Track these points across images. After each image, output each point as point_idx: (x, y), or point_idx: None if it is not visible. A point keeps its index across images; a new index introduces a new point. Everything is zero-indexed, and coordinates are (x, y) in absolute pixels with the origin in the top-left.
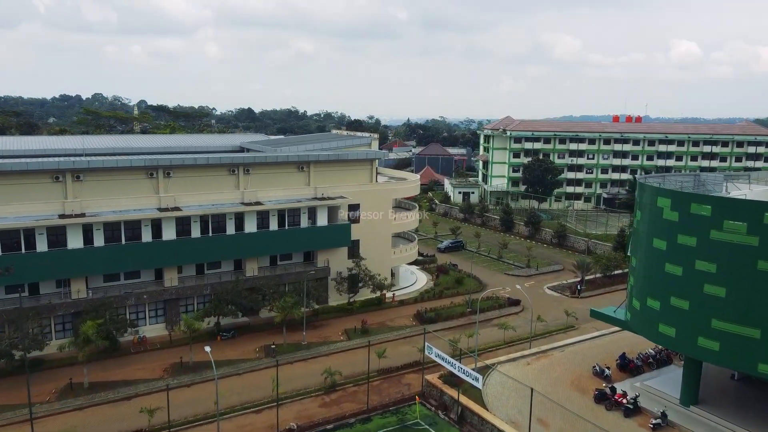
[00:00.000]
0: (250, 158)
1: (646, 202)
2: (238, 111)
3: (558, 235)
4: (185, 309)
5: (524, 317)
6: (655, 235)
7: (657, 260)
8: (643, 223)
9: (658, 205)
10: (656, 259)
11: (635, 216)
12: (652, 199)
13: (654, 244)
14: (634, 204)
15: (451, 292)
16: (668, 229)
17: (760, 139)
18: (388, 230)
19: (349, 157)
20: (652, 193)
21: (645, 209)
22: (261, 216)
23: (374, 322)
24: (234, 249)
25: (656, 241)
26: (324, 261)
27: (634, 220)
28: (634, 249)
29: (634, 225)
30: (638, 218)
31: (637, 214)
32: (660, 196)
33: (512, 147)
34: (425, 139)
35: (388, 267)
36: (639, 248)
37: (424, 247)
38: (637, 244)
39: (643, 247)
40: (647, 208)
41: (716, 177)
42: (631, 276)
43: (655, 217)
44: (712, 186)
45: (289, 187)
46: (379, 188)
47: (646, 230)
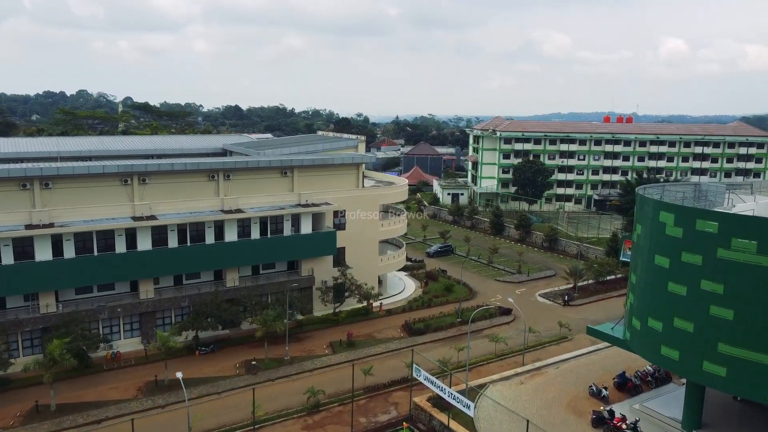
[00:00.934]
0: (230, 163)
1: (647, 216)
2: (225, 108)
3: (549, 238)
4: (162, 322)
5: (516, 327)
6: (657, 252)
7: (659, 278)
8: (644, 238)
9: (660, 220)
10: (658, 278)
11: (635, 229)
12: (653, 214)
13: (656, 261)
14: (634, 217)
15: (441, 300)
16: (671, 245)
17: (752, 140)
18: (375, 237)
19: (335, 162)
20: (654, 207)
21: (646, 223)
22: (242, 224)
23: (360, 333)
24: (213, 259)
25: (658, 258)
26: (308, 270)
27: (634, 234)
28: (633, 265)
29: (634, 239)
30: (638, 232)
31: (637, 227)
32: (663, 210)
33: (502, 148)
34: (414, 138)
35: (376, 275)
36: (639, 264)
37: (412, 252)
38: (637, 260)
39: (643, 263)
40: (648, 223)
41: (718, 187)
42: (630, 293)
43: (657, 233)
44: (714, 197)
45: (272, 193)
46: (365, 193)
47: (647, 246)
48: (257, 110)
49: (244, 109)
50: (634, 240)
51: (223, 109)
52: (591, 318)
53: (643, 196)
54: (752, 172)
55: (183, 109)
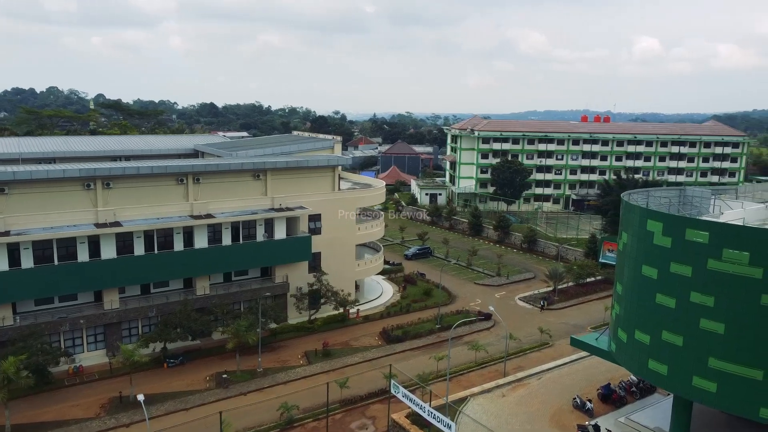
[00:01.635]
0: (200, 166)
1: (634, 224)
2: (200, 106)
3: (528, 239)
4: (128, 333)
5: (496, 333)
6: (644, 262)
7: (647, 289)
8: (631, 248)
9: (648, 228)
10: (646, 289)
11: (620, 237)
12: (640, 222)
13: (643, 272)
14: (619, 224)
15: (419, 305)
16: (660, 256)
17: (728, 139)
18: (352, 241)
19: (310, 164)
20: (641, 215)
21: (632, 232)
22: (213, 230)
23: (337, 342)
24: (182, 267)
25: (646, 269)
26: (283, 276)
27: (619, 241)
28: (619, 274)
29: (619, 247)
30: (624, 241)
31: (623, 235)
32: (650, 218)
33: (480, 147)
34: (391, 137)
35: (352, 280)
36: (626, 274)
37: (390, 254)
38: (623, 269)
39: (630, 273)
40: (635, 231)
41: (703, 192)
42: (615, 303)
43: (645, 242)
44: (700, 203)
45: (244, 197)
46: (342, 197)
47: (634, 255)
48: (233, 108)
49: (220, 107)
50: (619, 248)
51: (198, 107)
52: (572, 322)
53: (629, 203)
54: (728, 171)
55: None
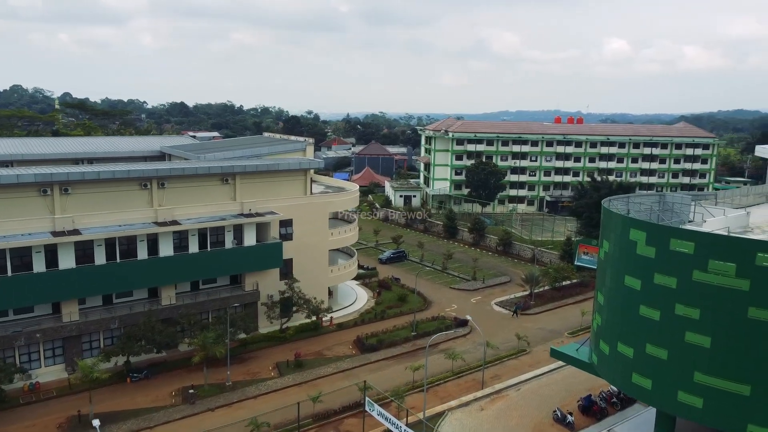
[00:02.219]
0: (164, 170)
1: (616, 232)
2: (170, 105)
3: (503, 242)
4: (89, 347)
5: (473, 340)
6: (627, 272)
7: (630, 301)
8: (613, 257)
9: (630, 238)
10: (629, 300)
11: (601, 245)
12: (623, 230)
13: (626, 282)
14: (600, 232)
15: (394, 312)
16: (643, 266)
17: (698, 141)
18: (324, 247)
19: (280, 168)
20: (624, 224)
21: (614, 240)
22: (179, 237)
23: (309, 352)
24: (147, 276)
25: (629, 279)
26: (253, 284)
27: (600, 250)
28: (600, 283)
29: (600, 255)
30: (606, 249)
31: (604, 244)
32: (633, 227)
33: (454, 149)
34: (365, 137)
35: (326, 287)
36: (607, 284)
37: (364, 258)
38: (604, 279)
39: (612, 284)
40: (617, 240)
41: (683, 198)
42: (597, 314)
43: (627, 252)
44: (680, 208)
45: (212, 202)
46: (314, 201)
47: (616, 265)
48: (204, 107)
49: (191, 106)
50: (600, 256)
51: (168, 106)
52: (549, 328)
53: (610, 210)
54: (698, 172)
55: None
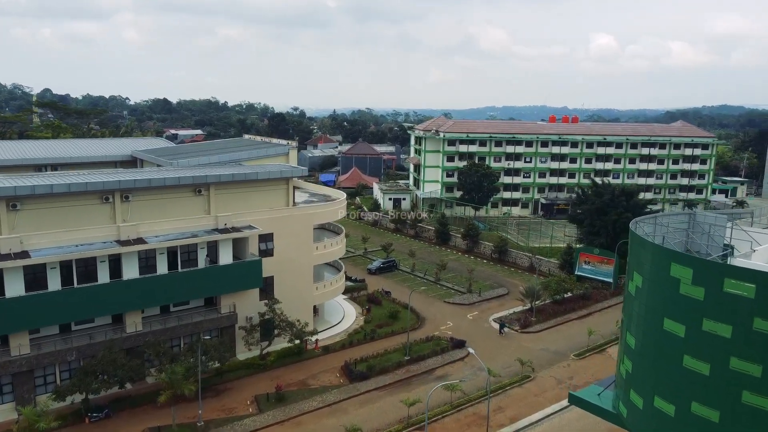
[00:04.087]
0: (128, 182)
1: (652, 265)
2: (153, 101)
3: (499, 249)
4: (43, 381)
5: (471, 364)
6: (667, 315)
7: (671, 349)
8: (647, 295)
9: (671, 274)
10: (670, 348)
11: (630, 278)
12: (661, 264)
13: (666, 326)
14: (628, 261)
15: (385, 331)
16: (688, 309)
17: (697, 140)
18: (309, 262)
19: (260, 176)
20: (662, 257)
21: (649, 274)
22: (145, 256)
23: (293, 381)
24: (108, 303)
25: (669, 323)
26: (229, 306)
27: (629, 283)
28: (628, 322)
29: (630, 290)
30: (637, 284)
31: (635, 276)
32: (676, 262)
33: (446, 150)
34: (352, 135)
35: (310, 305)
36: (641, 325)
37: (352, 268)
38: (635, 317)
39: (647, 325)
40: (653, 275)
41: (717, 217)
42: (626, 358)
43: (668, 291)
44: (714, 230)
45: (183, 216)
46: (297, 213)
47: (652, 305)
48: (188, 103)
49: (174, 103)
50: (630, 290)
51: (151, 103)
52: (552, 348)
53: (643, 238)
54: (697, 173)
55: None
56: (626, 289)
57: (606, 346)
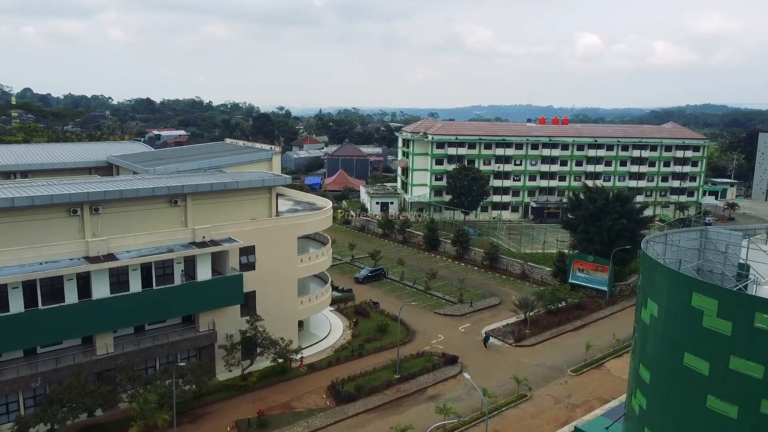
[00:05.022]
0: (98, 194)
1: (669, 292)
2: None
3: (490, 256)
4: (6, 410)
5: (465, 382)
6: (688, 349)
7: (692, 387)
8: (664, 325)
9: (693, 305)
10: (691, 386)
11: (643, 304)
12: (680, 293)
13: (686, 362)
14: (639, 285)
15: (374, 346)
16: (713, 345)
17: (688, 142)
18: (293, 275)
19: (240, 186)
20: (682, 285)
21: (666, 302)
22: (117, 273)
23: (276, 404)
24: (76, 325)
25: (691, 359)
26: (208, 323)
27: (642, 311)
28: (641, 352)
29: (644, 318)
30: (653, 312)
31: (649, 304)
32: (698, 292)
33: (434, 153)
34: (338, 135)
35: (295, 321)
36: (655, 358)
37: (339, 276)
38: (650, 348)
39: (665, 359)
40: (672, 304)
41: (732, 235)
42: (638, 392)
43: (689, 322)
44: (727, 248)
45: (158, 229)
46: (280, 224)
47: (669, 337)
48: (171, 103)
49: (157, 102)
50: (644, 318)
51: (134, 102)
52: (548, 363)
53: (657, 261)
54: (688, 176)
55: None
56: (638, 314)
57: (604, 360)
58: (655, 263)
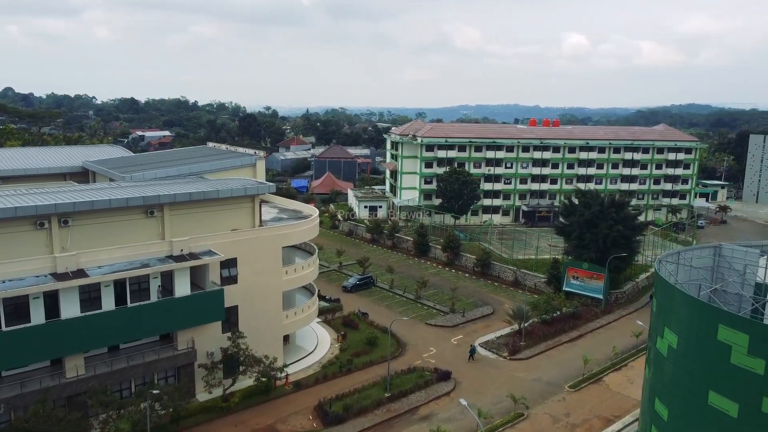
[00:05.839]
0: (66, 205)
1: (691, 323)
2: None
3: (481, 263)
4: None
5: (458, 400)
6: (713, 388)
7: (718, 428)
8: (685, 358)
9: (720, 338)
10: (717, 428)
11: (658, 331)
12: (705, 324)
13: (711, 401)
14: (654, 310)
15: (363, 361)
16: (744, 384)
17: (680, 144)
18: (278, 289)
19: (221, 195)
20: (707, 316)
21: (686, 333)
22: (88, 291)
23: (259, 426)
24: (44, 347)
25: (716, 398)
26: (187, 341)
27: (657, 339)
28: (658, 385)
29: (660, 347)
30: (670, 342)
31: (666, 333)
32: (725, 325)
33: (423, 156)
34: (325, 136)
35: (280, 336)
36: (676, 394)
37: (326, 285)
38: (667, 383)
39: (686, 396)
40: (694, 336)
41: (748, 252)
42: (654, 428)
43: (715, 358)
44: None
45: (133, 242)
46: (264, 234)
47: (692, 372)
48: (156, 103)
49: (142, 102)
50: (660, 349)
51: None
52: (545, 378)
53: (675, 287)
54: (680, 178)
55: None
56: (652, 343)
57: (602, 374)
58: (673, 289)
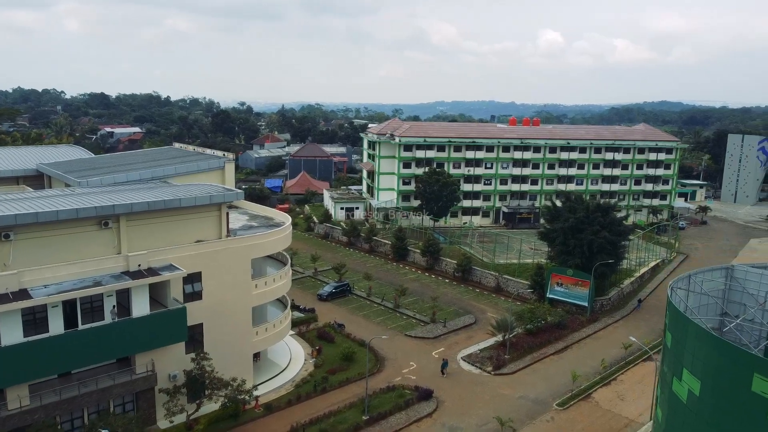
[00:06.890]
0: (7, 218)
1: (718, 368)
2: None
3: (462, 268)
4: None
5: (441, 421)
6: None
7: None
8: (712, 409)
9: (755, 390)
10: None
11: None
12: (733, 372)
13: None
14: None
15: (339, 379)
16: None
17: (661, 145)
18: (247, 304)
19: (183, 204)
20: (739, 363)
21: (713, 379)
22: (32, 312)
23: None
24: None
25: None
26: (146, 364)
27: (673, 381)
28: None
29: (674, 388)
30: (691, 387)
31: (686, 376)
32: (761, 375)
33: (402, 156)
34: (301, 133)
35: (249, 354)
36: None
37: (300, 293)
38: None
39: None
40: (723, 383)
41: (763, 274)
42: None
43: (748, 412)
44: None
45: (84, 257)
46: (232, 245)
47: (719, 425)
48: (127, 98)
49: (113, 97)
50: (679, 394)
51: (88, 97)
52: (531, 395)
53: (698, 325)
54: (661, 178)
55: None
56: (666, 383)
57: (591, 390)
58: (695, 327)
